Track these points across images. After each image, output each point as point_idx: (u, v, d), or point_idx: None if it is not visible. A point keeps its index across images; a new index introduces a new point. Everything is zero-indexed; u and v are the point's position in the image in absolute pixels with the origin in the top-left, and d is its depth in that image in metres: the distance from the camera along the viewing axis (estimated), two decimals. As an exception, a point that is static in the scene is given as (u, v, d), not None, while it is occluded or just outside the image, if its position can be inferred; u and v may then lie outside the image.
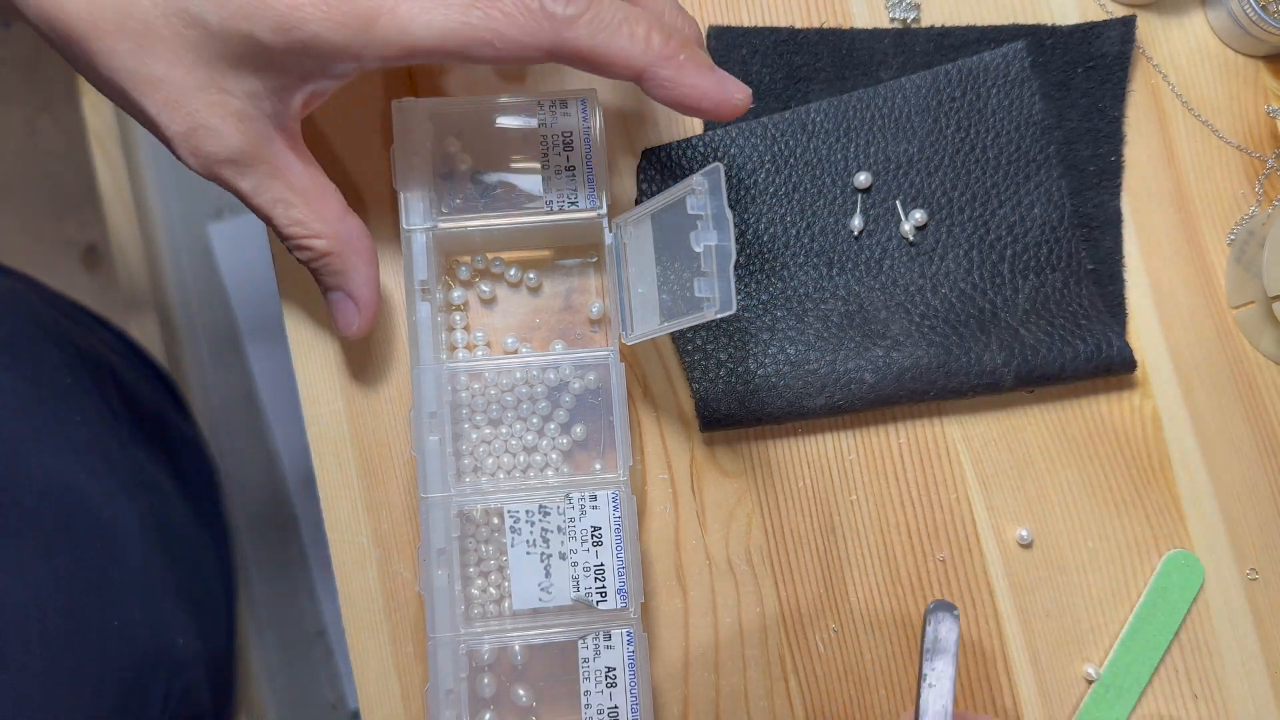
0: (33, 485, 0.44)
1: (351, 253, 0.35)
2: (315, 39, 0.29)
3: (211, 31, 0.29)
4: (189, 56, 0.30)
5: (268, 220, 0.34)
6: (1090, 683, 0.41)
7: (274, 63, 0.30)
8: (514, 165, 0.38)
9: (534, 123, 0.38)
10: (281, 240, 0.35)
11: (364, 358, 0.41)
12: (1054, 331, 0.41)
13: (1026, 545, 0.42)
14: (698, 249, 0.32)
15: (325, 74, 0.31)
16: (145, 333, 0.95)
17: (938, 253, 0.42)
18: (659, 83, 0.32)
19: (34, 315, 0.53)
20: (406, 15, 0.29)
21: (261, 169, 0.32)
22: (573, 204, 0.38)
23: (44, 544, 0.43)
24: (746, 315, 0.41)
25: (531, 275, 0.41)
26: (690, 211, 0.32)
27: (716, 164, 0.33)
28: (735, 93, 0.32)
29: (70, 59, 0.31)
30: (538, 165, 0.38)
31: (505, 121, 0.38)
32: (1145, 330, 0.43)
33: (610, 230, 0.38)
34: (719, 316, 0.32)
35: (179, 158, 0.32)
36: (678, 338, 0.41)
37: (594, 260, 0.41)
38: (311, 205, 0.34)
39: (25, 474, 0.44)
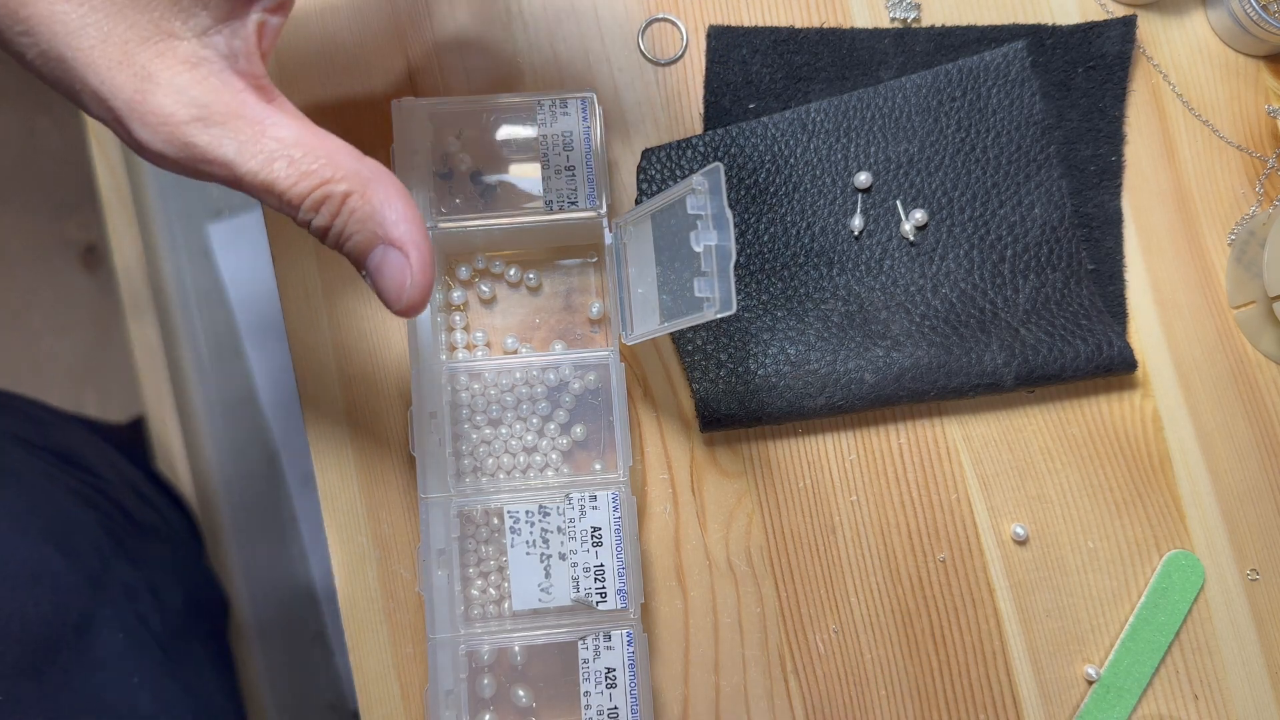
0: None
1: (377, 189, 0.29)
2: None
3: None
4: (126, 3, 0.26)
5: (268, 189, 0.28)
6: (1090, 683, 0.41)
7: None
8: (514, 165, 0.38)
9: (534, 123, 0.38)
10: (293, 208, 0.28)
11: (364, 357, 0.41)
12: (1054, 331, 0.41)
13: (1022, 542, 0.42)
14: (698, 249, 0.32)
15: None
16: (145, 333, 0.95)
17: (938, 253, 0.42)
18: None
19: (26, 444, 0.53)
20: None
21: (239, 125, 0.27)
22: (573, 204, 0.38)
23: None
24: (746, 315, 0.41)
25: (531, 275, 0.41)
26: (690, 211, 0.32)
27: (716, 164, 0.33)
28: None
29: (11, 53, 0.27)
30: (538, 165, 0.38)
31: (505, 121, 0.38)
32: (1145, 330, 0.43)
33: (610, 230, 0.38)
34: (719, 316, 0.32)
35: (139, 142, 0.27)
36: (678, 338, 0.41)
37: (594, 260, 0.41)
38: (314, 152, 0.28)
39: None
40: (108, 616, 0.50)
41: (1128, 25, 0.43)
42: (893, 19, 0.43)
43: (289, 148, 0.28)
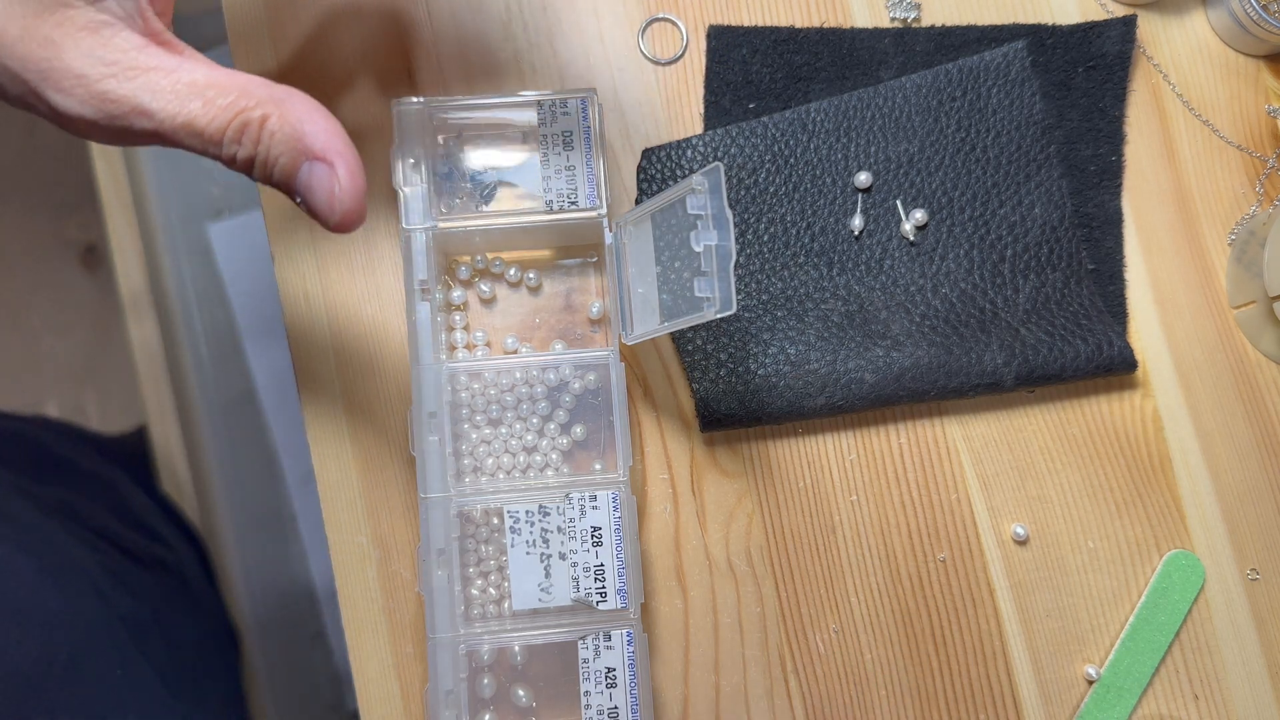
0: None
1: (293, 107, 0.29)
2: None
3: None
4: None
5: (187, 128, 0.28)
6: (1091, 683, 0.41)
7: None
8: (514, 165, 0.38)
9: (534, 122, 0.38)
10: (216, 146, 0.28)
11: (364, 358, 0.41)
12: (1054, 331, 0.41)
13: (1022, 542, 0.42)
14: (698, 249, 0.32)
15: None
16: (145, 333, 0.95)
17: (938, 252, 0.42)
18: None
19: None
20: None
21: (151, 75, 0.28)
22: (573, 204, 0.38)
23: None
24: (746, 315, 0.41)
25: (531, 275, 0.41)
26: (690, 211, 0.32)
27: (716, 164, 0.33)
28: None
29: None
30: (538, 165, 0.38)
31: (505, 121, 0.38)
32: (1145, 330, 0.43)
33: (610, 230, 0.38)
34: (719, 316, 0.32)
35: (59, 111, 0.28)
36: (678, 338, 0.41)
37: (594, 260, 0.41)
38: (227, 85, 0.28)
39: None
40: (103, 651, 0.50)
41: (1128, 25, 0.43)
42: (893, 19, 0.43)
43: (202, 89, 0.28)
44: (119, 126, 0.28)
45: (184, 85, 0.28)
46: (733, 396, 0.40)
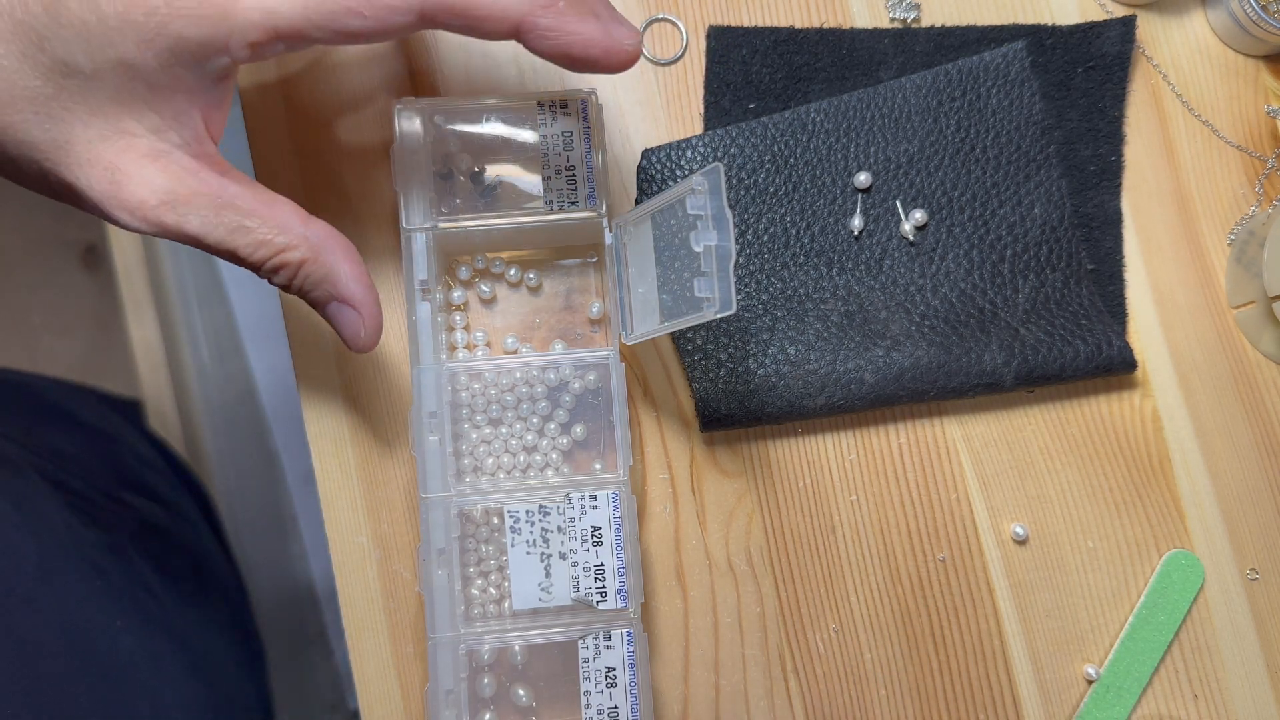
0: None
1: (327, 254, 0.33)
2: (180, 40, 0.29)
3: (88, 74, 0.29)
4: (81, 109, 0.30)
5: (232, 255, 0.32)
6: (1090, 683, 0.41)
7: (156, 86, 0.30)
8: (514, 165, 0.38)
9: (534, 123, 0.38)
10: (255, 269, 0.33)
11: (364, 357, 0.41)
12: (1054, 331, 0.41)
13: (1022, 541, 0.42)
14: (698, 249, 0.32)
15: (205, 78, 0.31)
16: (145, 332, 0.95)
17: (938, 253, 0.42)
18: (539, 33, 0.30)
19: (40, 469, 0.52)
20: None
21: (201, 202, 0.31)
22: (573, 204, 0.38)
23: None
24: (746, 315, 0.41)
25: (531, 275, 0.41)
26: (690, 211, 0.32)
27: (716, 164, 0.33)
28: (625, 38, 0.31)
29: None
30: (537, 165, 0.38)
31: (505, 122, 0.38)
32: (1145, 330, 0.43)
33: (610, 230, 0.38)
34: (719, 316, 0.32)
35: (118, 221, 0.31)
36: (678, 338, 0.41)
37: (594, 260, 0.41)
38: (269, 221, 0.32)
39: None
40: (76, 564, 0.48)
41: (1127, 25, 0.43)
42: (893, 19, 0.43)
43: (245, 218, 0.31)
44: (169, 237, 0.31)
45: (231, 215, 0.31)
46: (733, 396, 0.40)
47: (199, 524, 0.68)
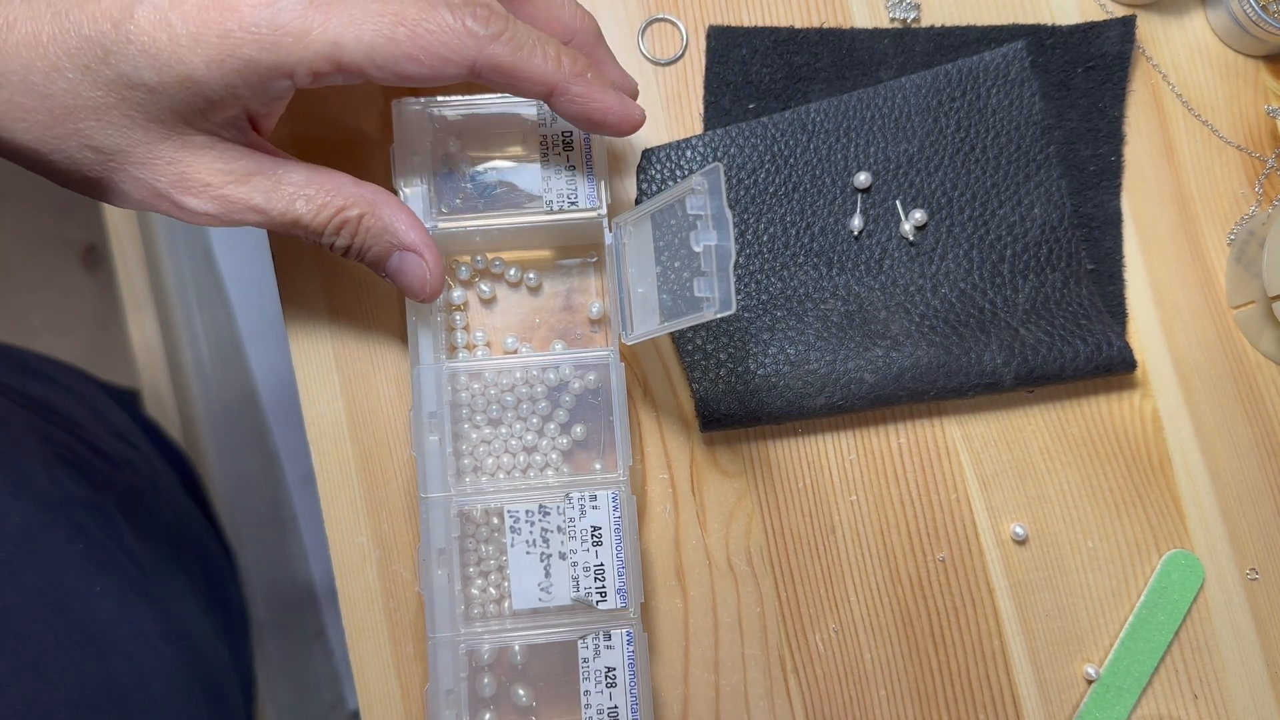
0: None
1: (383, 207, 0.35)
2: (249, 63, 0.31)
3: (152, 87, 0.31)
4: (140, 117, 0.31)
5: (295, 224, 0.34)
6: (1090, 683, 0.41)
7: (216, 101, 0.31)
8: (514, 165, 0.38)
9: (534, 122, 0.38)
10: (318, 236, 0.34)
11: (364, 358, 0.41)
12: (1054, 331, 0.41)
13: (1021, 541, 0.42)
14: (698, 249, 0.32)
15: (264, 96, 0.32)
16: (145, 333, 0.95)
17: (938, 253, 0.42)
18: (570, 98, 0.34)
19: (41, 433, 0.52)
20: (336, 30, 0.30)
21: (260, 179, 0.33)
22: (573, 204, 0.38)
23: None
24: (746, 315, 0.41)
25: (531, 275, 0.41)
26: (690, 211, 0.32)
27: (716, 164, 0.33)
28: (635, 111, 0.35)
29: (38, 169, 0.33)
30: (537, 165, 0.38)
31: (505, 121, 0.38)
32: (1145, 330, 0.43)
33: (610, 230, 0.38)
34: (719, 316, 0.32)
35: (185, 208, 0.33)
36: (678, 338, 0.41)
37: (594, 260, 0.41)
38: (325, 186, 0.34)
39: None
40: (58, 524, 0.48)
41: (1127, 25, 0.43)
42: (893, 19, 0.43)
43: (303, 187, 0.34)
44: (235, 219, 0.33)
45: (289, 187, 0.34)
46: (733, 396, 0.40)
47: (181, 493, 0.68)
